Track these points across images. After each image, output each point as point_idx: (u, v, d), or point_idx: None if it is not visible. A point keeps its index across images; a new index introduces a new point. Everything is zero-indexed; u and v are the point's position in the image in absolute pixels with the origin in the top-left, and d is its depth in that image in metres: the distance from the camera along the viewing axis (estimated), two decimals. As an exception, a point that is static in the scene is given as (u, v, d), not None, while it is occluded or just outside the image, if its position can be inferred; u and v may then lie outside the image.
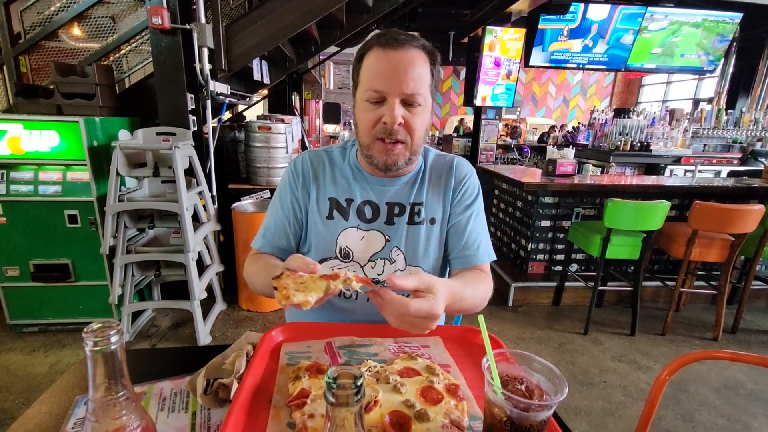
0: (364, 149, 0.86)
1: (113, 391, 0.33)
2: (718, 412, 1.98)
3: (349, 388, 0.28)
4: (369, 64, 0.81)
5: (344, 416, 0.28)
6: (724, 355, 0.74)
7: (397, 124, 0.79)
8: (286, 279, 0.62)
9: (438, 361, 0.69)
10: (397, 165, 0.85)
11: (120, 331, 0.33)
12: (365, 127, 0.83)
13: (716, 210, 2.32)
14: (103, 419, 0.33)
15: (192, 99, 2.52)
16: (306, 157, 0.97)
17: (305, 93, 5.80)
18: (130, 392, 0.35)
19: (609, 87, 10.40)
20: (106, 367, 0.33)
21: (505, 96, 4.13)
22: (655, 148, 4.33)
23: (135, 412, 0.35)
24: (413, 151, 0.86)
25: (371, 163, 0.87)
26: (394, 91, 0.78)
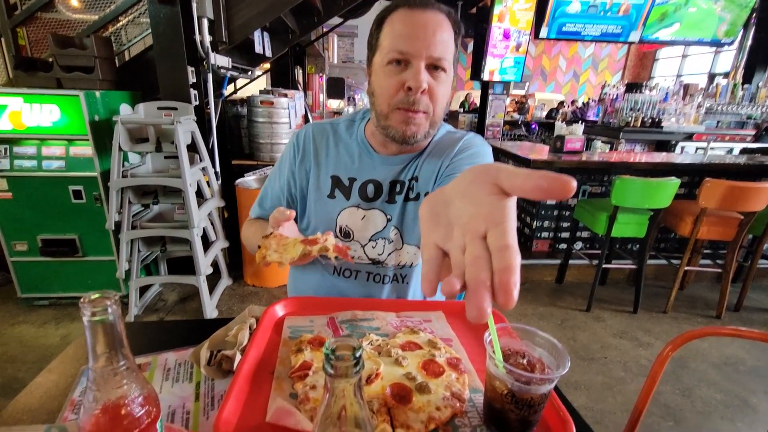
0: (382, 119, 0.81)
1: (113, 361, 0.33)
2: (717, 387, 2.00)
3: (348, 359, 0.27)
4: (392, 26, 0.76)
5: (343, 388, 0.28)
6: (727, 332, 0.73)
7: (421, 92, 0.74)
8: (271, 239, 0.64)
9: (440, 335, 0.69)
10: (416, 137, 0.80)
11: (117, 302, 0.33)
12: (385, 94, 0.77)
13: (727, 188, 2.27)
14: (104, 388, 0.33)
15: (193, 72, 2.47)
16: (309, 131, 0.93)
17: (308, 67, 5.68)
18: (131, 362, 0.35)
19: (621, 61, 10.07)
20: (104, 337, 0.32)
21: (513, 70, 4.01)
22: (667, 125, 4.22)
23: (136, 382, 0.35)
24: (433, 122, 0.81)
25: (387, 135, 0.82)
26: (421, 52, 0.73)
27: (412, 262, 0.92)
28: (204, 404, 0.54)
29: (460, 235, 0.32)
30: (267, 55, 3.29)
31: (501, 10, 3.76)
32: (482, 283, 0.28)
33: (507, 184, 0.31)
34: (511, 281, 0.27)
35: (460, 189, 0.35)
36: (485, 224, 0.31)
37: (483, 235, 0.30)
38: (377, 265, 0.91)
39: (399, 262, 0.91)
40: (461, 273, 0.30)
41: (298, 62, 4.98)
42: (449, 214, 0.34)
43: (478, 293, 0.28)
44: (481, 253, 0.29)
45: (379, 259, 0.91)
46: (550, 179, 0.29)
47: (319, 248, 0.62)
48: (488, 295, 0.28)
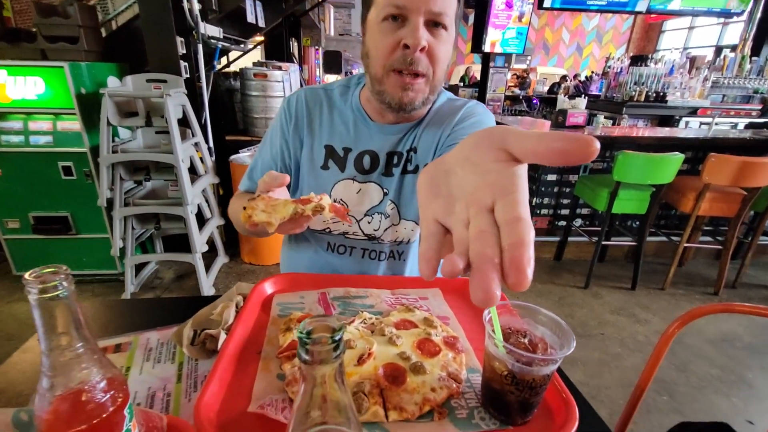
0: (376, 83, 0.74)
1: (69, 344, 0.30)
2: (713, 363, 2.02)
3: (326, 343, 0.24)
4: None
5: (321, 375, 0.25)
6: (740, 309, 0.71)
7: (419, 50, 0.67)
8: (258, 201, 0.58)
9: (436, 314, 0.66)
10: (413, 104, 0.73)
11: (69, 277, 0.29)
12: (380, 54, 0.70)
13: (732, 163, 2.22)
14: (60, 374, 0.30)
15: (182, 43, 2.37)
16: (302, 95, 0.86)
17: (304, 39, 5.48)
18: (91, 344, 0.31)
19: (627, 33, 9.78)
20: (57, 317, 0.29)
21: (515, 41, 3.87)
22: (671, 99, 4.11)
23: (98, 365, 0.31)
24: (433, 87, 0.74)
25: (383, 101, 0.75)
26: (419, 6, 0.66)
27: (410, 239, 0.89)
28: (186, 386, 0.51)
29: (464, 208, 0.27)
30: (260, 25, 3.16)
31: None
32: (489, 260, 0.24)
33: (517, 148, 0.27)
34: (524, 257, 0.23)
35: (463, 156, 0.30)
36: (492, 195, 0.26)
37: (490, 208, 0.26)
38: (373, 241, 0.87)
39: (396, 238, 0.88)
40: (465, 250, 0.25)
41: (293, 34, 4.81)
42: (450, 185, 0.30)
43: (485, 272, 0.23)
44: (488, 227, 0.25)
45: (375, 234, 0.87)
46: (569, 140, 0.24)
47: (314, 206, 0.56)
48: (497, 275, 0.23)
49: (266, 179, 0.61)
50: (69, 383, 0.30)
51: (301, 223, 0.59)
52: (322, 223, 0.86)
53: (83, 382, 0.31)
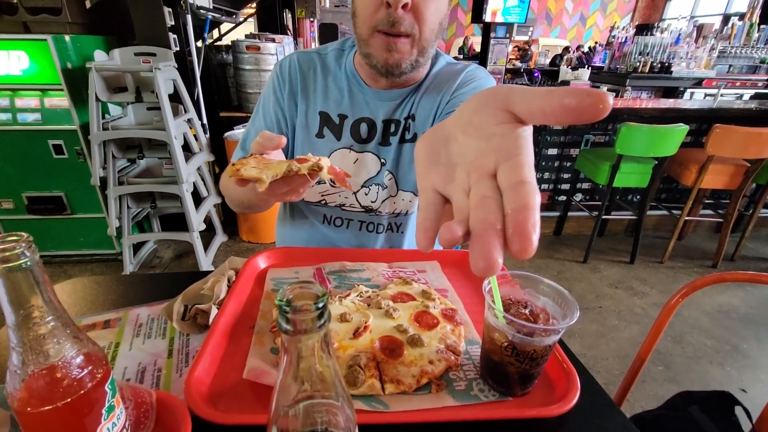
0: (363, 45, 0.71)
1: (38, 317, 0.28)
2: (708, 334, 2.03)
3: (308, 310, 0.22)
4: None
5: (305, 347, 0.23)
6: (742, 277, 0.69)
7: (401, 7, 0.63)
8: (250, 159, 0.53)
9: (435, 286, 0.65)
10: (400, 67, 0.70)
11: (32, 246, 0.26)
12: (364, 14, 0.67)
13: (737, 133, 2.18)
14: (30, 349, 0.28)
15: (170, 14, 2.27)
16: (294, 59, 0.81)
17: (298, 11, 5.29)
18: (63, 318, 0.29)
19: (632, 2, 9.45)
20: (21, 288, 0.27)
21: (517, 10, 3.73)
22: (676, 70, 4.00)
23: (71, 340, 0.30)
24: (422, 48, 0.69)
25: (370, 65, 0.72)
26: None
27: (408, 210, 0.86)
28: (177, 361, 0.50)
29: (464, 176, 0.26)
30: (251, -6, 3.04)
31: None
32: (491, 226, 0.22)
33: (522, 107, 0.25)
34: (529, 222, 0.21)
35: (464, 120, 0.28)
36: (495, 159, 0.25)
37: (492, 173, 0.24)
38: (370, 214, 0.85)
39: (394, 210, 0.85)
40: (465, 218, 0.24)
41: (286, 5, 4.63)
42: (450, 152, 0.28)
43: (487, 239, 0.22)
44: (491, 193, 0.23)
45: (372, 206, 0.84)
46: (579, 95, 0.22)
47: (311, 165, 0.50)
48: (499, 242, 0.22)
49: (260, 140, 0.54)
50: (41, 359, 0.28)
51: (297, 188, 0.53)
52: (317, 194, 0.83)
53: (57, 357, 0.29)
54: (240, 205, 0.76)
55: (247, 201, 0.72)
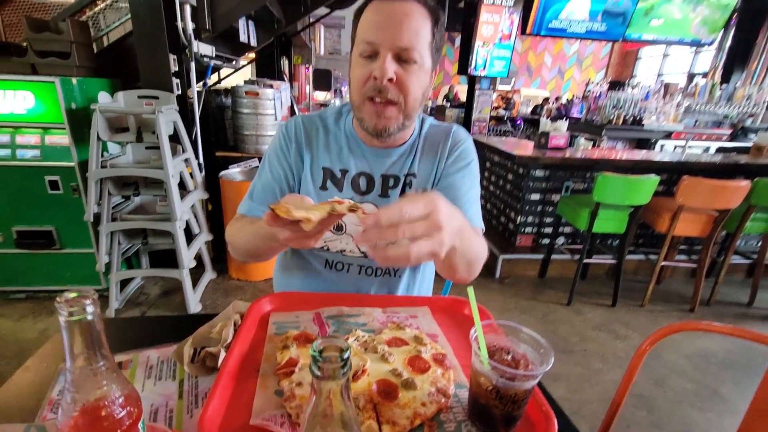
0: (356, 111, 0.81)
1: (92, 362, 0.32)
2: (688, 378, 2.08)
3: (335, 360, 0.27)
4: (365, 18, 0.76)
5: (330, 389, 0.28)
6: (703, 327, 0.76)
7: (386, 80, 0.73)
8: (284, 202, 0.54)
9: (426, 331, 0.70)
10: (388, 130, 0.79)
11: (95, 301, 0.32)
12: (356, 85, 0.78)
13: (703, 185, 2.35)
14: (82, 390, 0.32)
15: (175, 60, 2.40)
16: (299, 120, 0.91)
17: (295, 58, 5.58)
18: (111, 362, 0.34)
19: (605, 59, 10.22)
20: (82, 337, 0.31)
21: (501, 64, 4.03)
22: (648, 123, 4.31)
23: (116, 382, 0.34)
24: (407, 114, 0.79)
25: (363, 127, 0.82)
26: (386, 43, 0.72)
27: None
28: (188, 402, 0.53)
29: None
30: (252, 44, 3.22)
31: (489, 4, 3.76)
32: None
33: None
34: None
35: None
36: None
37: None
38: (368, 258, 0.91)
39: (318, 246, 0.92)
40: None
41: (284, 53, 4.89)
42: None
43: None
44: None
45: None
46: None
47: (350, 205, 0.52)
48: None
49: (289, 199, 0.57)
50: (90, 399, 0.33)
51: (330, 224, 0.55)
52: (321, 241, 0.90)
53: (103, 397, 0.33)
54: (246, 253, 0.81)
55: (255, 249, 0.77)
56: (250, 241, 0.75)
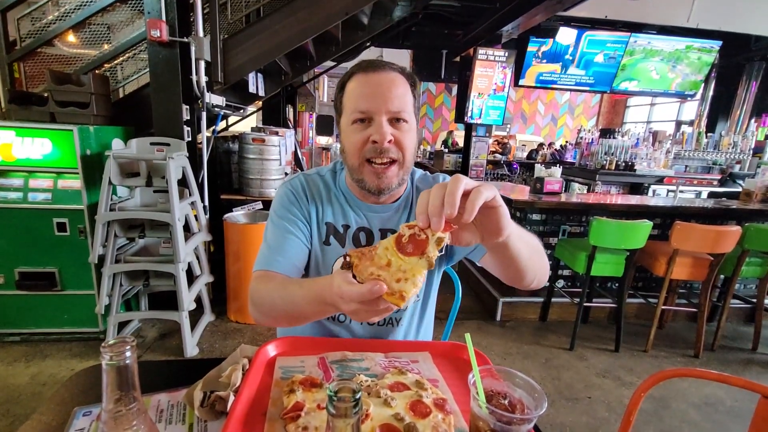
0: (354, 173, 0.85)
1: (125, 403, 0.36)
2: (698, 428, 2.02)
3: (348, 401, 0.31)
4: (352, 89, 0.83)
5: (343, 427, 0.31)
6: (693, 373, 0.78)
7: (387, 142, 0.79)
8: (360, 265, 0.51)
9: (427, 376, 0.72)
10: (390, 187, 0.85)
11: (133, 347, 0.35)
12: (353, 149, 0.82)
13: (696, 230, 2.40)
14: (115, 429, 0.35)
15: (187, 110, 2.55)
16: (302, 177, 0.96)
17: (299, 105, 5.86)
18: (141, 404, 0.37)
19: (596, 107, 10.70)
20: (119, 380, 0.35)
21: (496, 113, 4.24)
22: (639, 168, 4.46)
23: (145, 423, 0.37)
24: (406, 169, 0.85)
25: (363, 188, 0.86)
26: (380, 109, 0.79)
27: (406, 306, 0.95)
28: (197, 446, 0.55)
29: None
30: (260, 94, 3.42)
31: (483, 59, 4.02)
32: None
33: None
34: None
35: None
36: None
37: None
38: None
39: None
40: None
41: (289, 101, 5.15)
42: None
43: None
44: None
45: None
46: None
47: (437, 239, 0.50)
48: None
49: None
50: (122, 438, 0.36)
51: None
52: None
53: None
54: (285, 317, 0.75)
55: (299, 314, 0.71)
56: (293, 304, 0.69)
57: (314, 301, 0.64)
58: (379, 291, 0.47)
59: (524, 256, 0.69)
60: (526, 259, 0.70)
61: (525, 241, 0.70)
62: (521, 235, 0.68)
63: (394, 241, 0.52)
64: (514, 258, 0.68)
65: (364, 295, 0.48)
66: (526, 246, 0.70)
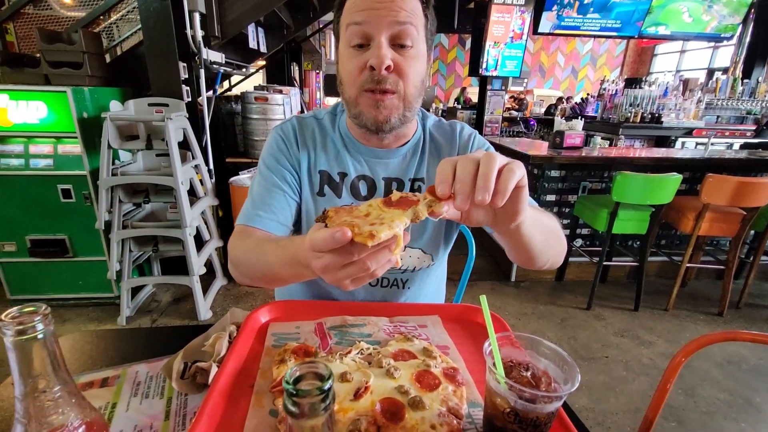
0: (351, 106, 0.73)
1: (46, 387, 0.28)
2: (720, 387, 1.96)
3: (314, 395, 0.22)
4: (351, 4, 0.69)
5: (309, 428, 0.23)
6: (745, 336, 0.69)
7: (385, 68, 0.66)
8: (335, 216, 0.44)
9: (436, 343, 0.64)
10: (390, 122, 0.72)
11: (48, 316, 0.27)
12: (350, 78, 0.71)
13: (730, 183, 2.23)
14: (35, 419, 0.28)
15: (185, 68, 2.41)
16: (294, 122, 0.85)
17: (305, 64, 5.61)
18: (69, 386, 0.30)
19: (620, 57, 10.01)
20: (34, 359, 0.27)
21: (513, 63, 3.96)
22: (667, 120, 4.17)
23: (75, 409, 0.30)
24: (408, 104, 0.72)
25: (360, 124, 0.75)
26: (380, 23, 0.66)
27: (415, 267, 0.86)
28: (174, 423, 0.49)
29: None
30: (262, 50, 3.23)
31: (499, 4, 3.70)
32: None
33: None
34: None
35: None
36: None
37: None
38: None
39: (400, 266, 0.85)
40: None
41: (294, 59, 4.92)
42: None
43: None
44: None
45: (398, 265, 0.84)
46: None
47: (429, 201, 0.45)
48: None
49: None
50: (42, 429, 0.28)
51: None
52: None
53: (60, 427, 0.29)
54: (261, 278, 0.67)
55: (273, 275, 0.63)
56: (269, 265, 0.62)
57: (289, 262, 0.56)
58: (342, 236, 0.39)
59: (537, 241, 0.61)
60: (540, 244, 0.62)
61: (541, 223, 0.62)
62: (538, 217, 0.61)
63: (381, 200, 0.46)
64: (526, 243, 0.60)
65: (327, 240, 0.40)
66: (541, 230, 0.62)
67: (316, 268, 0.45)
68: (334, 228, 0.40)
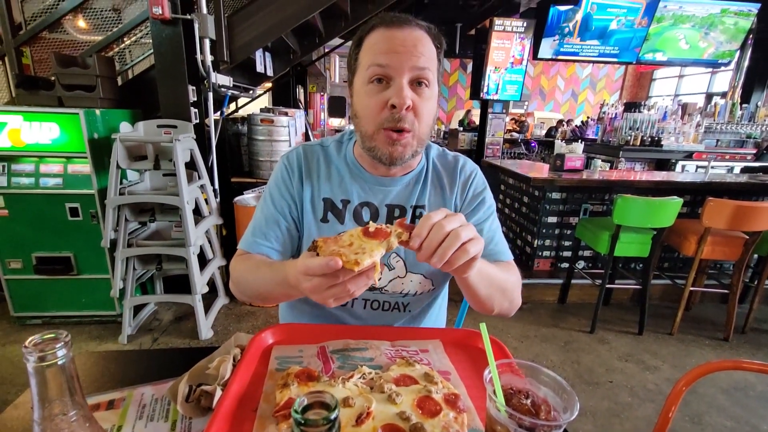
0: (367, 140, 0.77)
1: (63, 412, 0.29)
2: (727, 414, 1.92)
3: (320, 424, 0.24)
4: (372, 43, 0.73)
5: None
6: (750, 366, 0.69)
7: (405, 108, 0.71)
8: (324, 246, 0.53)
9: (437, 368, 0.65)
10: (403, 158, 0.76)
11: (68, 344, 0.29)
12: (370, 114, 0.74)
13: (731, 207, 2.24)
14: (52, 443, 0.29)
15: (194, 91, 2.48)
16: (300, 150, 0.88)
17: (310, 86, 5.74)
18: (84, 410, 0.31)
19: (619, 81, 10.19)
20: (53, 384, 0.29)
21: (513, 87, 4.04)
22: (666, 143, 4.22)
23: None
24: (420, 141, 0.77)
25: (374, 157, 0.78)
26: (403, 66, 0.70)
27: (417, 291, 0.87)
28: (179, 447, 0.49)
29: None
30: (268, 74, 3.32)
31: (500, 31, 3.81)
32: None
33: None
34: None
35: None
36: None
37: None
38: (374, 292, 0.86)
39: (401, 290, 0.87)
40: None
41: (299, 81, 5.04)
42: None
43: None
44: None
45: (375, 285, 0.86)
46: None
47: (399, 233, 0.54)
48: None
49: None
50: (60, 453, 0.30)
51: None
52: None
53: (75, 451, 0.30)
54: (257, 296, 0.76)
55: (267, 294, 0.73)
56: (263, 285, 0.72)
57: (281, 282, 0.64)
58: (335, 264, 0.48)
59: (482, 294, 0.71)
60: (484, 296, 0.72)
61: (490, 280, 0.71)
62: (492, 274, 0.71)
63: (360, 230, 0.55)
64: (470, 291, 0.70)
65: (322, 266, 0.49)
66: (488, 285, 0.71)
67: (305, 288, 0.53)
68: (328, 257, 0.49)
